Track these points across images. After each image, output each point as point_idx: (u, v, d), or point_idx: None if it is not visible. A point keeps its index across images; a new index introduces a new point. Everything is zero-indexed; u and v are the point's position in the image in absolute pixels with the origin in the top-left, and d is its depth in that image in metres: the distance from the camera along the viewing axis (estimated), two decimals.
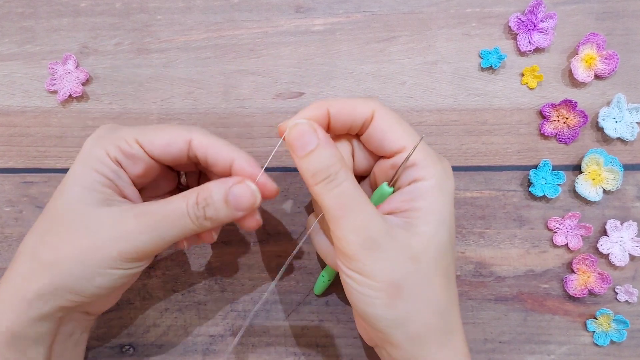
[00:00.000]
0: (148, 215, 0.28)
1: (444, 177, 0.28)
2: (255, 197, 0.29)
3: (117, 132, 0.30)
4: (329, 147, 0.28)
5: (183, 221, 0.29)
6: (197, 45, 0.39)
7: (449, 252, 0.28)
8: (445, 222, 0.28)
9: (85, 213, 0.28)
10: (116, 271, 0.28)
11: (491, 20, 0.38)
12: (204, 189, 0.29)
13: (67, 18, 0.39)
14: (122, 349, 0.39)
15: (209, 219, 0.29)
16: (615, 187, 0.37)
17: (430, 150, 0.29)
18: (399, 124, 0.29)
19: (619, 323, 0.37)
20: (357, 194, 0.27)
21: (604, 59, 0.37)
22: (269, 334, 0.38)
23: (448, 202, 0.28)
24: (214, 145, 0.30)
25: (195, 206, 0.29)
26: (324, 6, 0.39)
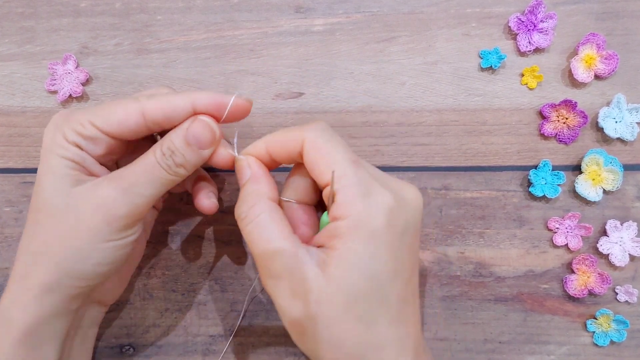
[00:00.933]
0: (121, 178, 0.29)
1: (363, 216, 0.26)
2: (213, 130, 0.30)
3: (72, 116, 0.30)
4: (255, 184, 0.29)
5: (157, 173, 0.29)
6: (197, 45, 0.39)
7: (366, 298, 0.26)
8: (357, 267, 0.26)
9: (60, 197, 0.28)
10: (108, 243, 0.29)
11: (491, 20, 0.38)
12: (165, 138, 0.30)
13: (67, 18, 0.39)
14: (122, 349, 0.39)
15: (181, 166, 0.29)
16: (615, 187, 0.37)
17: (355, 183, 0.27)
18: (326, 154, 0.27)
19: (618, 323, 0.37)
20: (268, 226, 0.27)
21: (603, 59, 0.37)
22: (269, 334, 0.38)
23: (366, 243, 0.26)
24: (167, 106, 0.29)
25: (163, 157, 0.29)
26: (324, 6, 0.39)
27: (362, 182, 0.27)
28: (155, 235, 0.39)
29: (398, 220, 0.27)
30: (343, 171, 0.27)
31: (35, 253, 0.29)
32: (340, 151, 0.27)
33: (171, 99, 0.29)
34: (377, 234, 0.26)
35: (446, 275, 0.38)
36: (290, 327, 0.28)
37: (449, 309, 0.38)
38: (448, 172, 0.38)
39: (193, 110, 0.29)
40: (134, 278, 0.39)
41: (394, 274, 0.27)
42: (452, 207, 0.38)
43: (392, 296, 0.27)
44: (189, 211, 0.39)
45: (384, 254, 0.26)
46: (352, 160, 0.27)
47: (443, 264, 0.38)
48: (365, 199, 0.26)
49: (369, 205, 0.26)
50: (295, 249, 0.27)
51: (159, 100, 0.29)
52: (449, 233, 0.38)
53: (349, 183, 0.26)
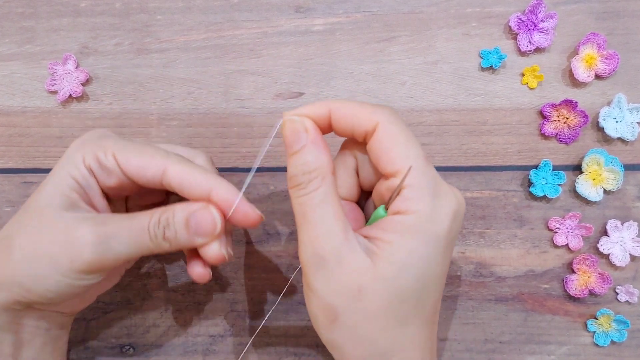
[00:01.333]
0: (104, 225, 0.28)
1: (431, 216, 0.25)
2: (215, 225, 0.28)
3: (101, 140, 0.29)
4: (313, 152, 0.27)
5: (140, 237, 0.28)
6: (197, 45, 0.39)
7: (410, 299, 0.25)
8: (412, 267, 0.25)
9: (47, 214, 0.28)
10: (66, 279, 0.28)
11: (491, 20, 0.38)
12: (168, 208, 0.29)
13: (67, 18, 0.39)
14: (122, 349, 0.39)
15: (167, 240, 0.28)
16: (616, 187, 0.37)
17: (427, 180, 0.26)
18: (402, 144, 0.26)
19: (619, 323, 0.37)
20: (322, 206, 0.26)
21: (604, 59, 0.37)
22: (269, 334, 0.38)
23: (425, 246, 0.25)
24: (189, 177, 0.29)
25: (156, 224, 0.28)
26: (324, 6, 0.39)
27: (434, 181, 0.26)
28: None
29: (456, 227, 0.26)
30: (416, 164, 0.25)
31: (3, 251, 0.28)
32: (414, 144, 0.26)
33: (193, 175, 0.29)
34: (438, 237, 0.25)
35: (446, 275, 0.38)
36: (321, 312, 0.26)
37: (449, 309, 0.38)
38: (448, 172, 0.38)
39: (208, 197, 0.29)
40: (134, 278, 0.39)
41: (438, 279, 0.26)
42: None
43: (430, 299, 0.26)
44: None
45: (439, 258, 0.26)
46: (424, 156, 0.26)
47: None
48: (434, 200, 0.25)
49: (438, 207, 0.25)
50: (347, 234, 0.26)
51: (183, 169, 0.29)
52: None
53: (420, 180, 0.25)
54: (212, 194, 0.29)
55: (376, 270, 0.25)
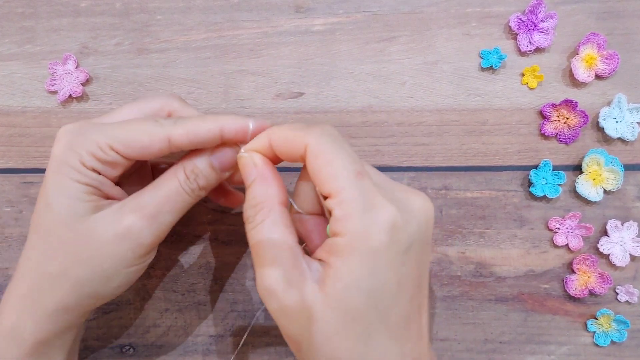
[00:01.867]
0: (145, 207, 0.28)
1: (362, 233, 0.25)
2: (235, 155, 0.30)
3: (88, 136, 0.28)
4: (259, 185, 0.28)
5: (181, 198, 0.29)
6: (197, 45, 0.39)
7: (364, 316, 0.25)
8: (355, 285, 0.25)
9: (79, 224, 0.28)
10: (132, 268, 0.29)
11: (491, 20, 0.38)
12: (186, 162, 0.30)
13: (67, 18, 0.39)
14: (122, 350, 0.39)
15: (204, 188, 0.30)
16: (616, 187, 0.37)
17: (356, 197, 0.25)
18: (328, 164, 0.26)
19: (619, 323, 0.37)
20: (268, 238, 0.26)
21: (604, 59, 0.37)
22: (269, 334, 0.38)
23: (363, 263, 0.24)
24: (195, 134, 0.29)
25: (186, 181, 0.29)
26: (324, 6, 0.39)
27: (364, 196, 0.25)
28: None
29: (401, 236, 0.25)
30: (343, 183, 0.25)
31: (52, 275, 0.28)
32: (343, 160, 0.25)
33: (199, 126, 0.29)
34: (377, 252, 0.25)
35: (447, 276, 0.38)
36: (287, 341, 0.27)
37: (449, 309, 0.38)
38: (448, 172, 0.38)
39: (221, 136, 0.29)
40: None
41: (396, 291, 0.25)
42: (452, 207, 0.38)
43: (392, 314, 0.26)
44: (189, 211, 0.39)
45: (384, 272, 0.25)
46: (355, 171, 0.25)
47: (443, 264, 0.38)
48: (365, 215, 0.25)
49: (369, 222, 0.25)
50: (295, 262, 0.26)
51: (186, 127, 0.29)
52: (449, 233, 0.38)
53: (348, 197, 0.25)
54: (223, 132, 0.29)
55: (323, 294, 0.25)
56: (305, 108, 0.38)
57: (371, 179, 0.26)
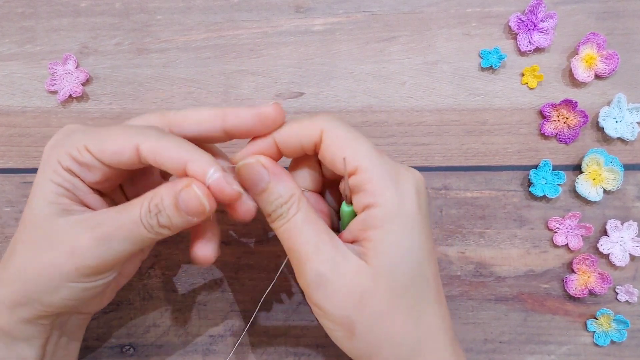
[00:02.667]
0: (100, 227, 0.27)
1: (398, 201, 0.26)
2: (203, 204, 0.26)
3: (70, 138, 0.28)
4: (281, 183, 0.27)
5: (137, 231, 0.27)
6: (197, 45, 0.39)
7: (413, 284, 0.26)
8: (401, 253, 0.26)
9: (45, 225, 0.27)
10: (78, 284, 0.27)
11: (491, 20, 0.38)
12: (156, 193, 0.27)
13: (67, 18, 0.39)
14: (122, 349, 0.39)
15: (165, 227, 0.27)
16: (616, 187, 0.37)
17: (383, 170, 0.26)
18: (350, 143, 0.27)
19: (619, 323, 0.37)
20: (305, 227, 0.27)
21: (604, 59, 0.37)
22: (269, 334, 0.38)
23: (405, 229, 0.26)
24: (163, 151, 0.27)
25: (148, 214, 0.27)
26: (324, 6, 0.39)
27: (390, 169, 0.27)
28: None
29: (423, 202, 0.27)
30: (370, 160, 0.26)
31: (11, 271, 0.28)
32: (362, 140, 0.27)
33: (166, 150, 0.27)
34: (413, 218, 0.26)
35: (447, 275, 0.38)
36: (338, 329, 0.27)
37: (449, 309, 0.38)
38: (448, 172, 0.38)
39: (184, 170, 0.27)
40: (134, 278, 0.39)
41: (430, 254, 0.27)
42: (452, 207, 0.38)
43: (431, 277, 0.27)
44: None
45: (422, 237, 0.26)
46: (375, 149, 0.27)
47: (443, 264, 0.38)
48: (396, 185, 0.26)
49: (402, 191, 0.26)
50: (336, 247, 0.26)
51: (155, 145, 0.27)
52: (449, 233, 0.38)
53: (378, 171, 0.26)
54: (187, 168, 0.27)
55: (372, 269, 0.26)
56: (305, 108, 0.38)
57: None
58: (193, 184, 0.26)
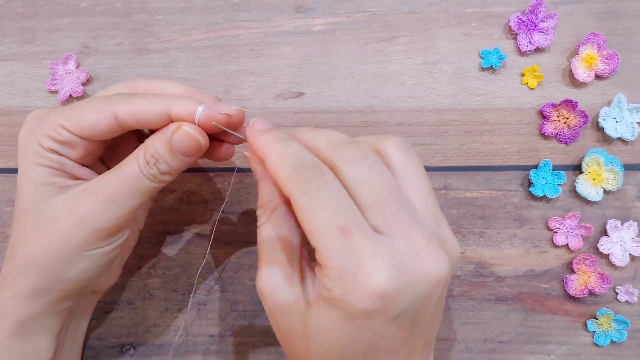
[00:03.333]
0: (103, 189, 0.27)
1: (345, 297, 0.23)
2: (198, 140, 0.28)
3: (44, 119, 0.28)
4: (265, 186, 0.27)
5: (141, 183, 0.28)
6: (197, 45, 0.39)
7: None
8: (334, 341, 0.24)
9: (41, 208, 0.28)
10: (94, 251, 0.28)
11: (491, 20, 0.38)
12: (148, 145, 0.28)
13: (68, 18, 0.39)
14: (123, 349, 0.39)
15: (167, 173, 0.28)
16: (616, 187, 0.37)
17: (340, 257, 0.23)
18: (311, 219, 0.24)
19: (619, 323, 0.37)
20: (267, 240, 0.26)
21: (604, 59, 0.37)
22: (269, 334, 0.38)
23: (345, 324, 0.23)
24: (141, 107, 0.27)
25: (146, 165, 0.28)
26: (324, 6, 0.39)
27: (347, 258, 0.23)
28: (155, 235, 0.39)
29: (389, 306, 0.23)
30: (325, 242, 0.23)
31: (23, 258, 0.28)
32: (325, 213, 0.23)
33: (145, 105, 0.27)
34: (359, 320, 0.23)
35: None
36: (280, 337, 0.27)
37: (449, 309, 0.38)
38: (448, 172, 0.38)
39: (169, 118, 0.28)
40: (134, 278, 0.39)
41: (369, 353, 0.24)
42: (452, 207, 0.38)
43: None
44: (189, 211, 0.39)
45: (365, 341, 0.24)
46: (338, 227, 0.23)
47: None
48: (346, 279, 0.22)
49: (350, 288, 0.22)
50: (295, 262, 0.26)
51: (131, 105, 0.27)
52: None
53: (329, 258, 0.23)
54: (171, 114, 0.28)
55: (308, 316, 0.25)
56: (305, 108, 0.38)
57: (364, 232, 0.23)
58: (182, 125, 0.27)
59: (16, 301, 0.28)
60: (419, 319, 0.24)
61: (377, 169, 0.25)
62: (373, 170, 0.25)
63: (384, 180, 0.24)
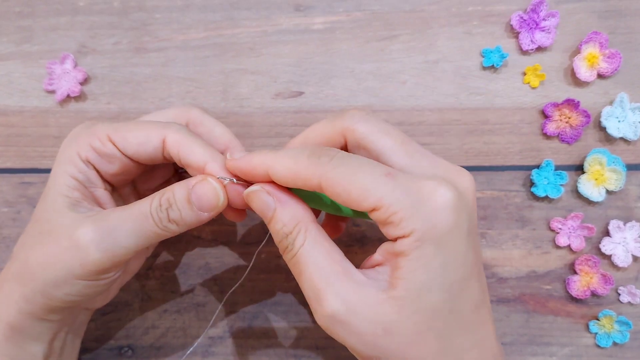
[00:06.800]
0: (106, 220, 0.27)
1: (427, 226, 0.23)
2: (218, 197, 0.27)
3: (92, 129, 0.29)
4: (286, 210, 0.26)
5: (145, 224, 0.27)
6: (195, 44, 0.39)
7: (443, 312, 0.24)
8: (433, 281, 0.23)
9: (54, 218, 0.28)
10: (82, 282, 0.27)
11: (493, 18, 0.38)
12: (168, 189, 0.28)
13: (65, 17, 0.39)
14: (121, 351, 0.38)
15: (174, 222, 0.27)
16: (618, 187, 0.37)
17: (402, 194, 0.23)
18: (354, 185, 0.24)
19: (621, 324, 0.37)
20: (314, 260, 0.24)
21: (606, 58, 0.37)
22: (268, 335, 0.38)
23: (437, 252, 0.23)
24: (187, 146, 0.28)
25: (158, 208, 0.27)
26: (324, 4, 0.38)
27: (408, 192, 0.23)
28: None
29: (461, 219, 0.24)
30: (381, 193, 0.23)
31: (20, 262, 0.28)
32: (365, 173, 0.24)
33: (191, 145, 0.28)
34: (445, 239, 0.23)
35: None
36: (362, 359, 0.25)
37: None
38: None
39: (202, 169, 0.28)
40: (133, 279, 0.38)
41: (467, 280, 0.24)
42: None
43: (465, 304, 0.24)
44: None
45: (455, 262, 0.24)
46: (383, 175, 0.24)
47: None
48: (421, 208, 0.23)
49: (429, 212, 0.23)
50: (350, 280, 0.24)
51: (182, 138, 0.28)
52: None
53: (394, 202, 0.23)
54: (206, 167, 0.28)
55: (395, 300, 0.24)
56: (305, 107, 0.38)
57: (403, 171, 0.24)
58: (209, 177, 0.27)
59: (7, 305, 0.28)
60: (476, 234, 0.26)
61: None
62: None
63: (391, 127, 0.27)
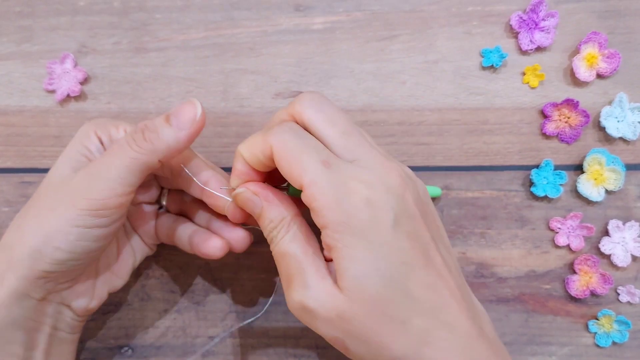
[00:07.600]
0: (91, 166, 0.29)
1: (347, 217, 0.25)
2: (196, 109, 0.28)
3: (112, 120, 0.32)
4: (272, 207, 0.28)
5: (123, 151, 0.28)
6: (195, 44, 0.39)
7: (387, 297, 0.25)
8: (368, 273, 0.25)
9: (58, 177, 0.30)
10: (73, 228, 0.28)
11: (492, 18, 0.38)
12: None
13: (65, 17, 0.39)
14: (121, 351, 0.38)
15: (149, 140, 0.28)
16: (618, 187, 0.37)
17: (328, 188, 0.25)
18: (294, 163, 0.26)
19: (620, 324, 0.37)
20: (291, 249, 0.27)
21: (605, 58, 0.37)
22: (268, 335, 0.38)
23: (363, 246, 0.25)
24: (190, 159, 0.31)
25: (134, 133, 0.29)
26: (324, 4, 0.38)
27: (334, 183, 0.25)
28: None
29: (381, 212, 0.25)
30: (312, 176, 0.25)
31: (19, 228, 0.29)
32: (307, 154, 0.26)
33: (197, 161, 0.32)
34: (364, 234, 0.25)
35: None
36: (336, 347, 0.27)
37: None
38: (449, 172, 0.38)
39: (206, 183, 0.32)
40: (133, 279, 0.38)
41: (407, 265, 0.25)
42: (453, 207, 0.38)
43: (415, 287, 0.25)
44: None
45: (383, 251, 0.25)
46: (321, 161, 0.25)
47: None
48: (341, 202, 0.25)
49: (347, 207, 0.25)
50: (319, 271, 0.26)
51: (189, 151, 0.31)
52: (450, 233, 0.38)
53: (319, 189, 0.25)
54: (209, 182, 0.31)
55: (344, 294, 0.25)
56: None
57: (341, 162, 0.26)
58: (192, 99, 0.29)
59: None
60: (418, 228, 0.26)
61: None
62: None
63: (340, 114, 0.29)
